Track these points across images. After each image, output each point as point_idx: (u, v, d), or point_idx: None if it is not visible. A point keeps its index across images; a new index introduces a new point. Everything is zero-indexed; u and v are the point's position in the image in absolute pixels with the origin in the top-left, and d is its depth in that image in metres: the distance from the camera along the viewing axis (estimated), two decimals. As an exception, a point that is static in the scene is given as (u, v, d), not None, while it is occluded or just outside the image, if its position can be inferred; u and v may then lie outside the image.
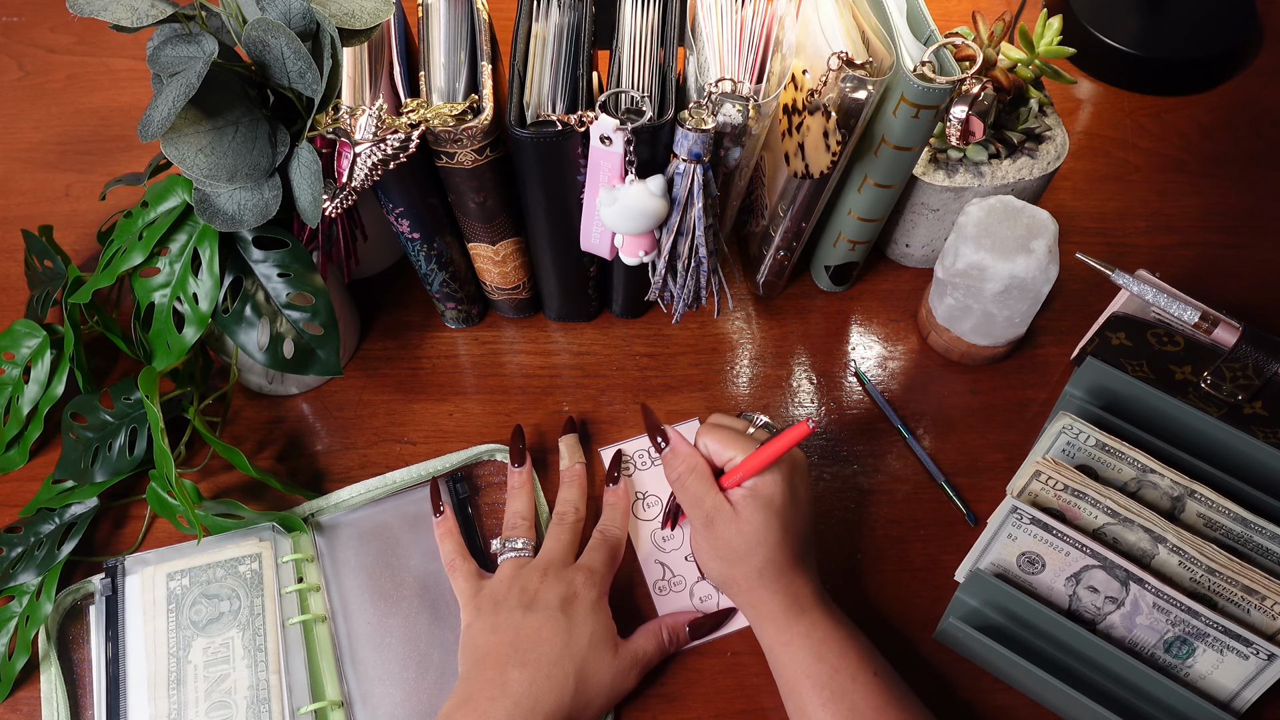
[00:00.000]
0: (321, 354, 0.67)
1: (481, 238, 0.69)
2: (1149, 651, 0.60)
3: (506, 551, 0.66)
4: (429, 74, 0.62)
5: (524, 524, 0.67)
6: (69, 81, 0.96)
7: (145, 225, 0.64)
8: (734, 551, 0.61)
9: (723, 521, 0.61)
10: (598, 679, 0.60)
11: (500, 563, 0.65)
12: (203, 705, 0.63)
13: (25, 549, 0.68)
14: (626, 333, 0.80)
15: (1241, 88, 0.94)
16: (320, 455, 0.74)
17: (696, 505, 0.63)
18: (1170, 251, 0.84)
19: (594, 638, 0.61)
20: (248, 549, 0.67)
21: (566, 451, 0.71)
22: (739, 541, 0.61)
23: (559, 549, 0.65)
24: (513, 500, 0.69)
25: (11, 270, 0.84)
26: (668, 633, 0.64)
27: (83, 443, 0.68)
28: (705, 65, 0.61)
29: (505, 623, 0.61)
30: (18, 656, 0.64)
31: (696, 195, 0.60)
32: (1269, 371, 0.62)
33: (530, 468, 0.70)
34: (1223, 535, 0.59)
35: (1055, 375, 0.77)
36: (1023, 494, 0.61)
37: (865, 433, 0.75)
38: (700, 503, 0.62)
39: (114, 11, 0.56)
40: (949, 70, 0.61)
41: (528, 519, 0.68)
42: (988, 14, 0.74)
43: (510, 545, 0.66)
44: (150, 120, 0.54)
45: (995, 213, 0.69)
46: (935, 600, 0.68)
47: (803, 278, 0.82)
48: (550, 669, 0.59)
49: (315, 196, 0.59)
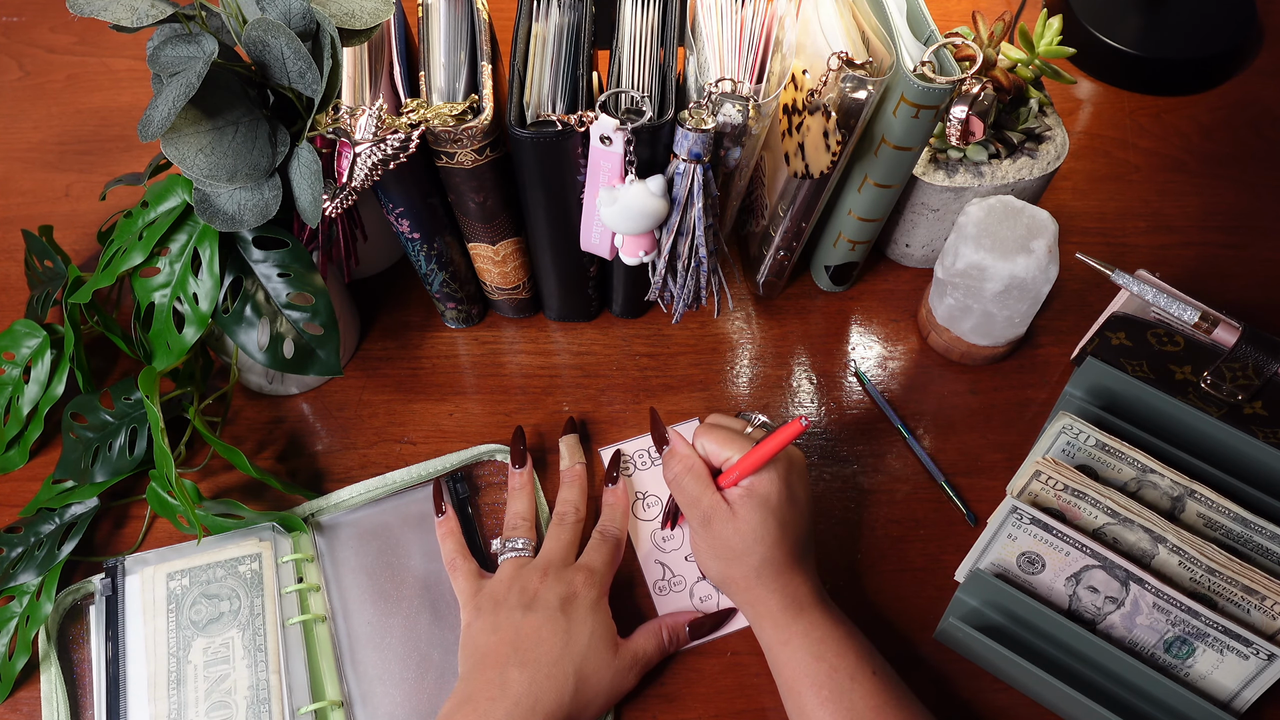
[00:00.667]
0: (321, 354, 0.67)
1: (481, 238, 0.69)
2: (1149, 651, 0.60)
3: (507, 551, 0.66)
4: (429, 74, 0.62)
5: (525, 524, 0.67)
6: (69, 81, 0.96)
7: (145, 225, 0.64)
8: (731, 551, 0.61)
9: (720, 521, 0.61)
10: (598, 679, 0.60)
11: (500, 563, 0.65)
12: (203, 705, 0.63)
13: (25, 549, 0.68)
14: (626, 333, 0.80)
15: (1241, 88, 0.94)
16: (320, 455, 0.74)
17: (693, 505, 0.63)
18: (1170, 251, 0.84)
19: (594, 637, 0.61)
20: (248, 549, 0.67)
21: (567, 452, 0.71)
22: (736, 541, 0.61)
23: (559, 549, 0.65)
24: (513, 501, 0.69)
25: (11, 270, 0.84)
26: (668, 633, 0.64)
27: (83, 443, 0.68)
28: (705, 65, 0.61)
29: (505, 622, 0.61)
30: (18, 656, 0.64)
31: (696, 195, 0.60)
32: (1269, 371, 0.62)
33: (531, 469, 0.71)
34: (1223, 535, 0.59)
35: (1055, 375, 0.77)
36: (1023, 494, 0.61)
37: (865, 433, 0.75)
38: (697, 502, 0.62)
39: (114, 11, 0.56)
40: (949, 70, 0.61)
41: (528, 519, 0.68)
42: (988, 14, 0.74)
43: (511, 545, 0.66)
44: (150, 120, 0.54)
45: (995, 213, 0.69)
46: (935, 600, 0.68)
47: (803, 278, 0.82)
48: (550, 669, 0.59)
49: (315, 196, 0.59)
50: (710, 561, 0.63)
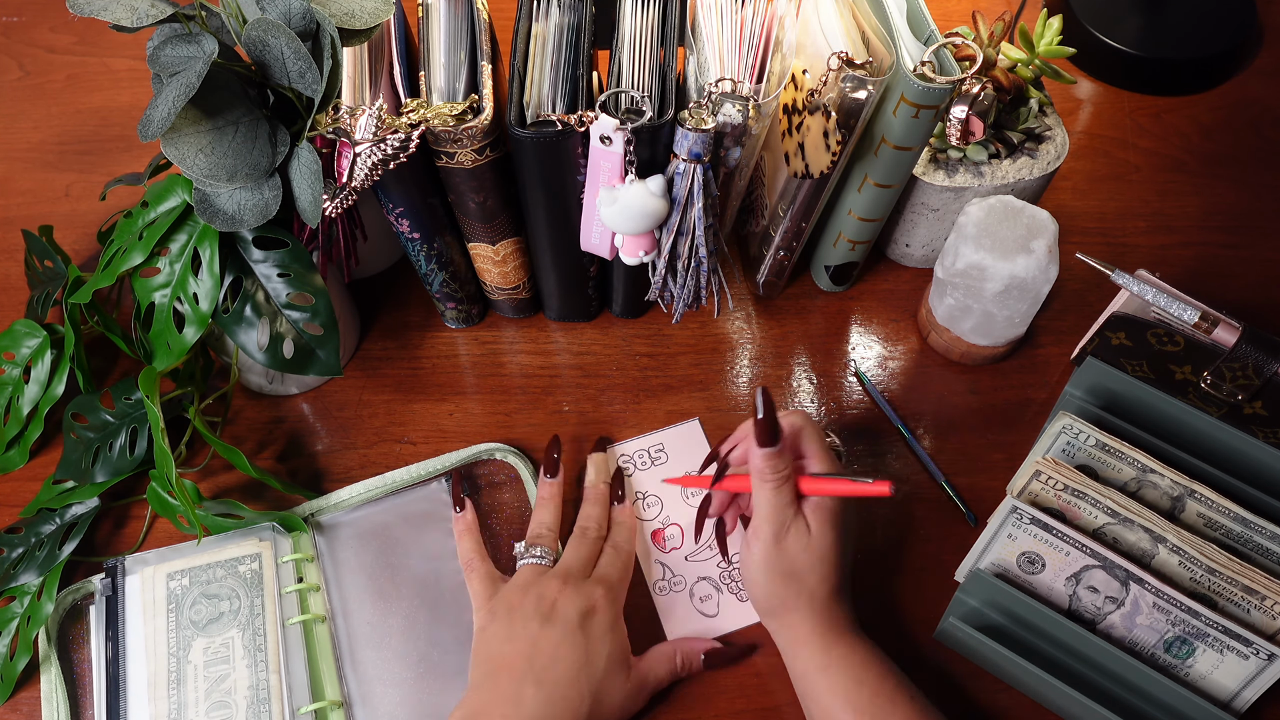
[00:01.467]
0: (321, 354, 0.67)
1: (481, 238, 0.69)
2: (1149, 651, 0.60)
3: (527, 557, 0.65)
4: (429, 74, 0.62)
5: (549, 535, 0.66)
6: (69, 81, 0.96)
7: (145, 225, 0.64)
8: (794, 567, 0.59)
9: (795, 536, 0.59)
10: (610, 701, 0.59)
11: (519, 567, 0.65)
12: (203, 705, 0.63)
13: (26, 549, 0.68)
14: (626, 333, 0.80)
15: (1241, 88, 0.94)
16: (320, 455, 0.74)
17: (777, 514, 0.58)
18: (1170, 251, 0.84)
19: (610, 659, 0.60)
20: (248, 549, 0.67)
21: (593, 470, 0.71)
22: (803, 559, 0.58)
23: (578, 561, 0.64)
24: (540, 510, 0.68)
25: (11, 270, 0.84)
26: (682, 659, 0.63)
27: (83, 443, 0.68)
28: (705, 65, 0.61)
29: (521, 633, 0.60)
30: (19, 657, 0.64)
31: (696, 195, 0.60)
32: (1269, 371, 0.62)
33: (563, 480, 0.69)
34: (1223, 535, 0.59)
35: (1055, 375, 0.77)
36: (1023, 494, 0.61)
37: (865, 433, 0.75)
38: (781, 513, 0.58)
39: (114, 11, 0.56)
40: (949, 70, 0.61)
41: (554, 530, 0.67)
42: (988, 14, 0.74)
43: (531, 552, 0.65)
44: (150, 120, 0.54)
45: (995, 213, 0.69)
46: (935, 600, 0.68)
47: (803, 278, 0.82)
48: (566, 689, 0.58)
49: (315, 196, 0.59)
50: (762, 576, 0.59)
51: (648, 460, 0.73)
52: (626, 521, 0.68)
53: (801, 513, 0.59)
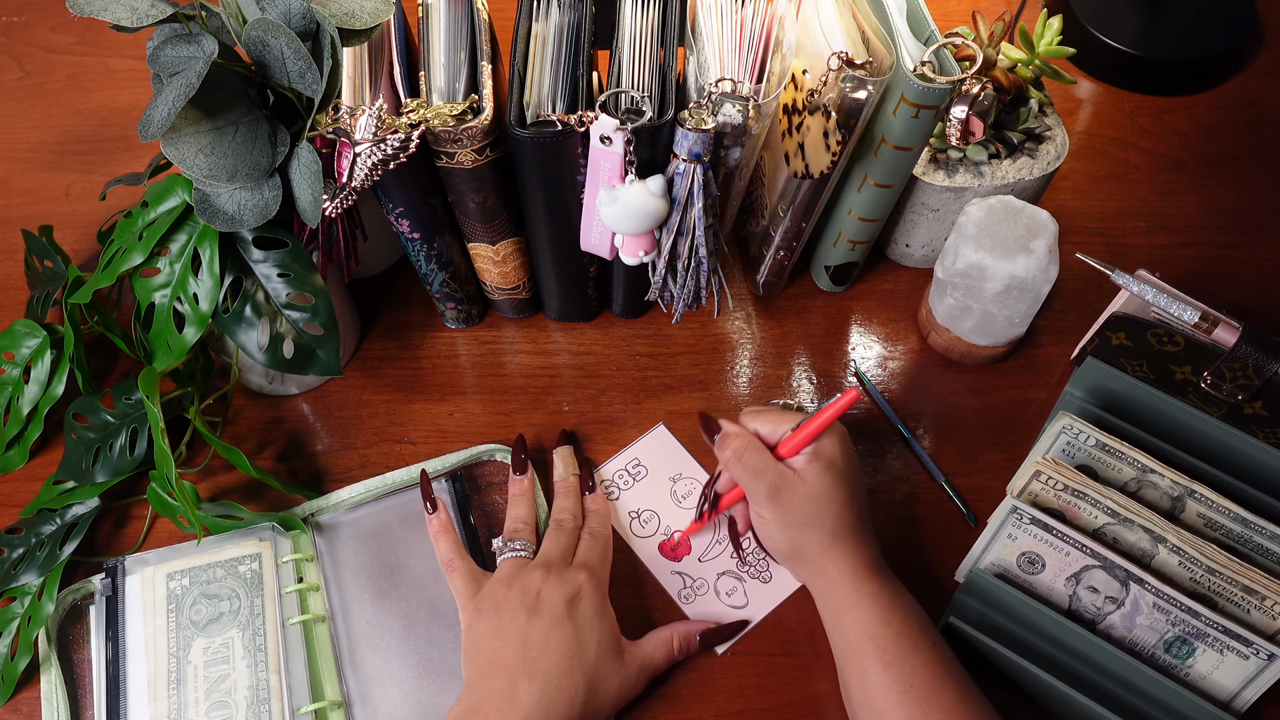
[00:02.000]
0: (321, 354, 0.67)
1: (481, 238, 0.69)
2: (1149, 651, 0.60)
3: (506, 551, 0.65)
4: (429, 74, 0.62)
5: (526, 529, 0.67)
6: (69, 81, 0.96)
7: (145, 225, 0.64)
8: (803, 517, 0.60)
9: (789, 488, 0.61)
10: (606, 687, 0.60)
11: (499, 562, 0.65)
12: (203, 705, 0.63)
13: (27, 550, 0.68)
14: (626, 333, 0.80)
15: (1241, 88, 0.94)
16: (320, 455, 0.74)
17: (758, 478, 0.61)
18: (1170, 251, 0.84)
19: (601, 645, 0.60)
20: (248, 549, 0.67)
21: (561, 463, 0.71)
22: (808, 506, 0.60)
23: (558, 550, 0.65)
24: (514, 506, 0.68)
25: (11, 270, 0.84)
26: (679, 641, 0.64)
27: (84, 443, 0.68)
28: (705, 65, 0.61)
29: (511, 627, 0.60)
30: (20, 657, 0.64)
31: (696, 195, 0.60)
32: (1269, 371, 0.62)
33: (532, 475, 0.70)
34: (1223, 535, 0.59)
35: (1055, 375, 0.77)
36: (1023, 494, 0.61)
37: (865, 433, 0.75)
38: (762, 474, 0.61)
39: (114, 11, 0.56)
40: (949, 70, 0.61)
41: (529, 524, 0.67)
42: (988, 14, 0.74)
43: (510, 546, 0.65)
44: (150, 120, 0.54)
45: (995, 213, 0.69)
46: (935, 600, 0.67)
47: (803, 278, 0.82)
48: (561, 680, 0.58)
49: (315, 196, 0.59)
50: (779, 533, 0.61)
51: (629, 479, 0.73)
52: (600, 509, 0.69)
53: (791, 468, 0.61)
